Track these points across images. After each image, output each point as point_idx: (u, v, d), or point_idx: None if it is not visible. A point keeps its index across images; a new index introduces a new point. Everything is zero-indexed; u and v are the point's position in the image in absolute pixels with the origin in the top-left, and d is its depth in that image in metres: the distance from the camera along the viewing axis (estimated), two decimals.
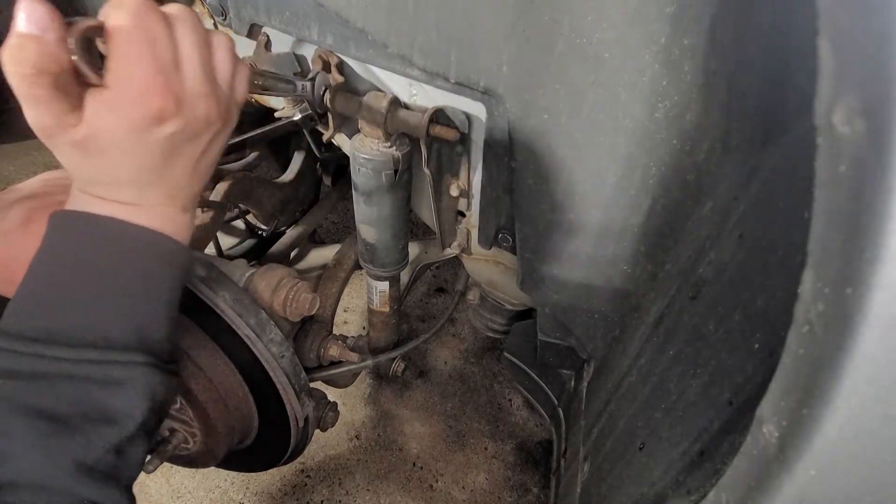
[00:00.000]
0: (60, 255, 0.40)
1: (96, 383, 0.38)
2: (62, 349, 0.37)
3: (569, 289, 0.68)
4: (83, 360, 0.37)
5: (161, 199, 0.42)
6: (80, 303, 0.39)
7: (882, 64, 0.20)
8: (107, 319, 0.39)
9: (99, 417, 0.38)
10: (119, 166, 0.39)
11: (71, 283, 0.39)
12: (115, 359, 0.38)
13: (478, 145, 0.64)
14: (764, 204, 0.40)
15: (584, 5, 0.45)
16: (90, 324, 0.39)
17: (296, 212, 1.09)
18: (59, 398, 0.37)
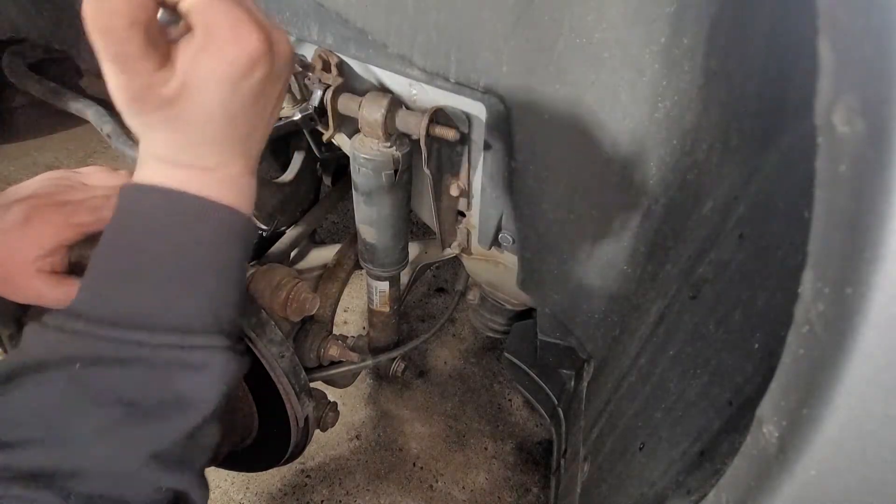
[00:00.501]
0: (134, 233, 0.38)
1: (175, 368, 0.36)
2: (142, 333, 0.36)
3: (569, 289, 0.68)
4: (163, 344, 0.36)
5: (238, 162, 0.40)
6: (157, 284, 0.37)
7: (882, 64, 0.20)
8: (185, 302, 0.38)
9: (175, 403, 0.36)
10: (208, 121, 0.37)
11: (147, 264, 0.37)
12: (196, 343, 0.37)
13: (478, 145, 0.64)
14: (764, 204, 0.40)
15: (584, 5, 0.45)
16: (169, 306, 0.37)
17: (296, 212, 1.09)
18: (135, 384, 0.35)
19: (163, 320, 0.37)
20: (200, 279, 0.38)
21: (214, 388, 0.38)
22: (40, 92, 0.95)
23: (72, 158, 1.87)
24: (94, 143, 1.90)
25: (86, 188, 0.54)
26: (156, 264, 0.37)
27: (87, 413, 0.34)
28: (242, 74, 0.36)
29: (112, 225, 0.38)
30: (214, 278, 0.39)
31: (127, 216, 0.38)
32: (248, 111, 0.38)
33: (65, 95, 0.94)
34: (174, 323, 0.37)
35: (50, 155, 1.88)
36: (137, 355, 0.35)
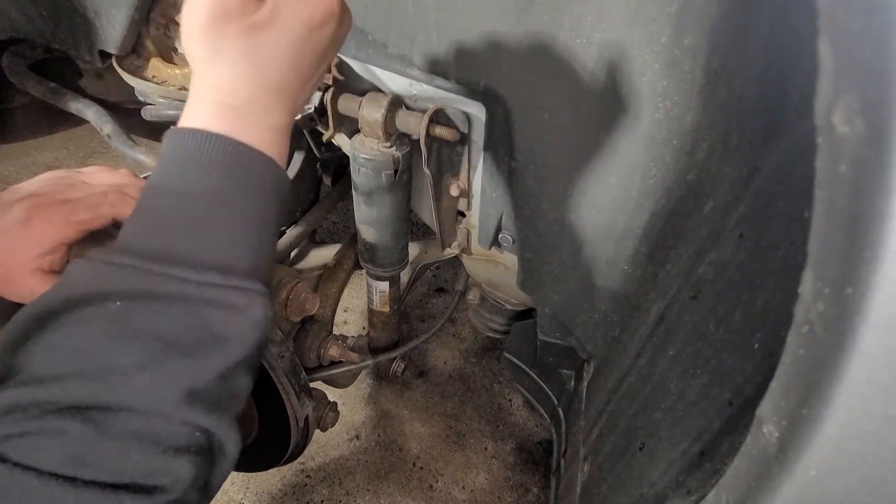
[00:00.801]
0: (180, 175, 0.38)
1: (216, 308, 0.36)
2: (187, 270, 0.36)
3: (569, 289, 0.68)
4: (207, 282, 0.36)
5: (284, 115, 0.41)
6: (202, 226, 0.37)
7: (882, 64, 0.20)
8: (230, 244, 0.38)
9: (212, 342, 0.36)
10: (277, 61, 0.38)
11: (193, 205, 0.37)
12: (238, 285, 0.37)
13: (478, 145, 0.64)
14: (764, 204, 0.40)
15: (584, 5, 0.45)
16: (214, 247, 0.37)
17: (296, 212, 1.09)
18: (176, 321, 0.35)
19: (208, 259, 0.37)
20: (244, 226, 0.38)
21: (251, 332, 0.37)
22: (40, 92, 0.95)
23: (72, 158, 1.87)
24: (94, 143, 1.90)
25: (86, 187, 0.54)
26: (201, 207, 0.37)
27: (126, 348, 0.34)
28: (320, 23, 0.38)
29: (159, 166, 0.38)
30: (255, 227, 0.39)
31: (173, 158, 0.38)
32: (308, 64, 0.40)
33: (65, 95, 0.94)
34: (219, 263, 0.37)
35: (50, 155, 1.88)
36: (181, 291, 0.35)
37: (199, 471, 0.36)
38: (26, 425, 0.31)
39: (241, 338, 0.37)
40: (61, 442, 0.31)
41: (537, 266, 0.68)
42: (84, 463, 0.31)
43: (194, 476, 0.35)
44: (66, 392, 0.32)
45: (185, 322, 0.35)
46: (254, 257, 0.39)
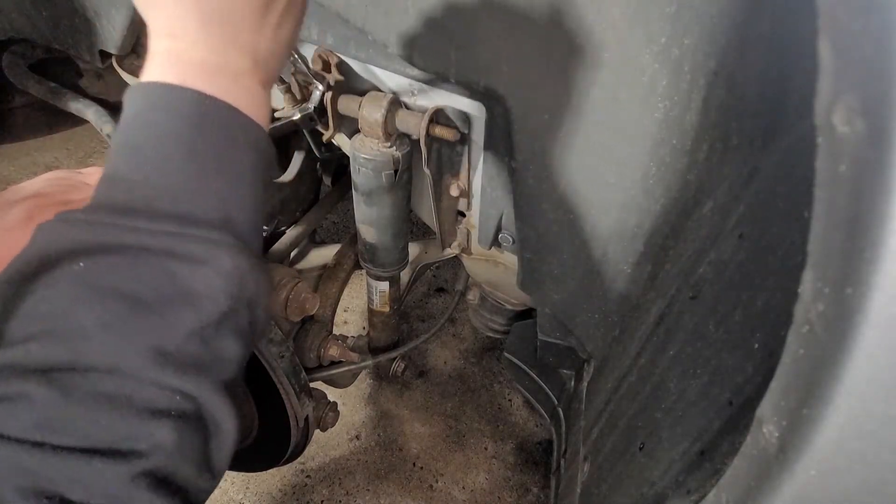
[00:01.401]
0: (136, 127, 0.37)
1: (175, 259, 0.34)
2: (141, 219, 0.34)
3: (569, 289, 0.68)
4: (161, 231, 0.34)
5: (248, 63, 0.39)
6: (157, 176, 0.35)
7: (882, 64, 0.20)
8: (187, 194, 0.36)
9: (178, 298, 0.34)
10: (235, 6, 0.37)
11: (148, 157, 0.36)
12: (197, 233, 0.35)
13: (478, 145, 0.64)
14: (764, 204, 0.40)
15: (584, 5, 0.45)
16: (170, 197, 0.35)
17: (296, 212, 1.09)
18: (134, 275, 0.33)
19: (165, 208, 0.35)
20: (203, 174, 0.36)
21: (221, 287, 0.35)
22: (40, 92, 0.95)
23: (72, 158, 1.87)
24: (94, 143, 1.91)
25: (87, 187, 0.54)
26: (157, 157, 0.36)
27: (88, 306, 0.32)
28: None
29: (120, 125, 0.37)
30: (219, 175, 0.37)
31: (129, 115, 0.37)
32: (276, 17, 0.38)
33: (65, 95, 0.94)
34: (174, 211, 0.35)
35: (50, 155, 1.88)
36: (136, 241, 0.33)
37: (186, 439, 0.33)
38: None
39: (212, 293, 0.34)
40: (28, 407, 0.30)
41: (537, 266, 0.68)
42: (52, 428, 0.30)
43: (178, 443, 0.33)
44: (27, 354, 0.31)
45: (147, 276, 0.33)
46: (220, 206, 0.37)
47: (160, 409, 0.33)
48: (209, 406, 0.35)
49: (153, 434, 0.32)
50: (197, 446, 0.35)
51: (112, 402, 0.31)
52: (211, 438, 0.36)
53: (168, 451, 0.33)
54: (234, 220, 0.37)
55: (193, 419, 0.34)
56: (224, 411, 0.36)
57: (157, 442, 0.32)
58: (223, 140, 0.37)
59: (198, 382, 0.34)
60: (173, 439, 0.33)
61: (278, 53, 0.41)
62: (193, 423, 0.34)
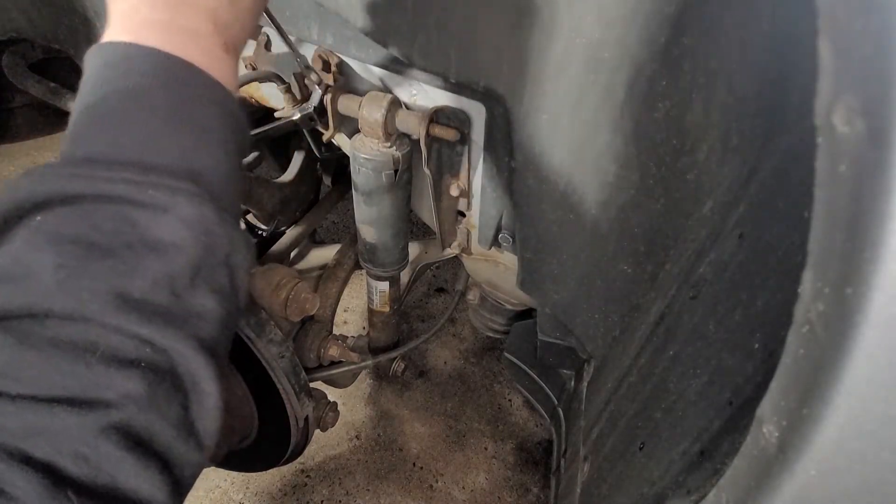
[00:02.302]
0: (93, 85, 0.36)
1: (135, 206, 0.33)
2: (97, 169, 0.33)
3: (569, 289, 0.68)
4: (120, 178, 0.33)
5: (207, 26, 0.38)
6: (116, 130, 0.35)
7: (882, 64, 0.20)
8: (147, 145, 0.35)
9: (139, 244, 0.32)
10: None
11: (106, 112, 0.35)
12: (157, 181, 0.33)
13: (478, 145, 0.64)
14: (764, 204, 0.40)
15: (585, 5, 0.45)
16: (129, 148, 0.34)
17: (296, 212, 1.09)
18: (91, 223, 0.32)
19: (121, 158, 0.34)
20: (168, 124, 0.36)
21: (186, 236, 0.33)
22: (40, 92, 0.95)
23: None
24: None
25: None
26: (115, 111, 0.35)
27: (42, 253, 0.31)
28: None
29: (80, 86, 0.37)
30: (183, 129, 0.36)
31: (89, 75, 0.37)
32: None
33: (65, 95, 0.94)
34: (134, 160, 0.34)
35: (50, 155, 1.87)
36: (93, 190, 0.32)
37: (159, 395, 0.32)
38: None
39: (177, 241, 0.33)
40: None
41: (537, 266, 0.68)
42: (9, 376, 0.29)
43: (149, 396, 0.31)
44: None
45: (105, 224, 0.32)
46: (183, 157, 0.36)
47: (126, 357, 0.31)
48: (184, 362, 0.33)
49: (119, 384, 0.30)
50: (174, 406, 0.33)
51: (72, 349, 0.30)
52: (191, 400, 0.34)
53: (138, 403, 0.31)
54: (201, 173, 0.36)
55: (167, 374, 0.33)
56: (203, 371, 0.34)
57: (125, 392, 0.30)
58: (184, 95, 0.37)
59: (168, 335, 0.32)
60: (143, 391, 0.31)
61: (241, 20, 0.41)
62: (167, 378, 0.32)
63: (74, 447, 0.29)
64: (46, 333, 0.30)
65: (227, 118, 0.39)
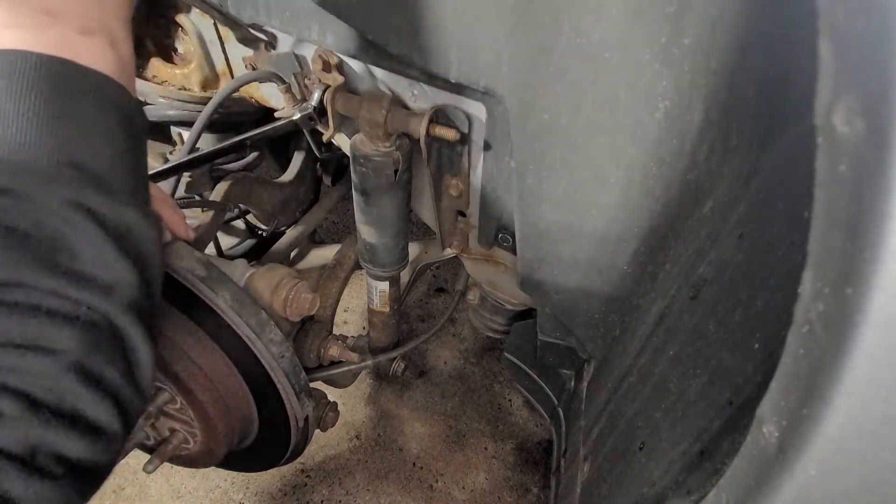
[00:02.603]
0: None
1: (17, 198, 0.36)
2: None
3: (569, 289, 0.68)
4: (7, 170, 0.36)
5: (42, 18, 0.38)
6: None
7: (882, 64, 0.20)
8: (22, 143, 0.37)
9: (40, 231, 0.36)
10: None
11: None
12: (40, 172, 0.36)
13: (478, 145, 0.64)
14: (764, 204, 0.40)
15: (584, 5, 0.45)
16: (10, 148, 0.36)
17: (296, 212, 1.09)
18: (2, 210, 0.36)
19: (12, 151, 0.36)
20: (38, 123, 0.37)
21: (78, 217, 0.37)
22: None
23: None
24: None
25: None
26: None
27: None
28: None
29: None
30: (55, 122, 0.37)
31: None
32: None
33: None
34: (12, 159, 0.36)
35: None
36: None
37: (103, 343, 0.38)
38: None
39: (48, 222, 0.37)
40: None
41: (537, 266, 0.68)
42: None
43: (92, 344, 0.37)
44: None
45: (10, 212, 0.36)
46: (71, 148, 0.38)
47: (68, 314, 0.37)
48: (117, 318, 0.39)
49: (68, 334, 0.37)
50: (117, 353, 0.40)
51: (19, 308, 0.36)
52: (128, 351, 0.41)
53: (87, 349, 0.37)
54: (85, 161, 0.39)
55: (106, 328, 0.39)
56: (133, 324, 0.40)
57: (76, 341, 0.37)
58: (46, 87, 0.37)
59: (97, 296, 0.38)
60: (88, 340, 0.37)
61: (117, 13, 0.41)
62: (106, 331, 0.39)
63: (42, 381, 0.36)
64: (2, 296, 0.35)
65: (111, 106, 0.41)
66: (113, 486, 1.06)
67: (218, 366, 0.64)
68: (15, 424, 0.34)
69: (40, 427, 0.35)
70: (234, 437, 0.71)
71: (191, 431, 0.67)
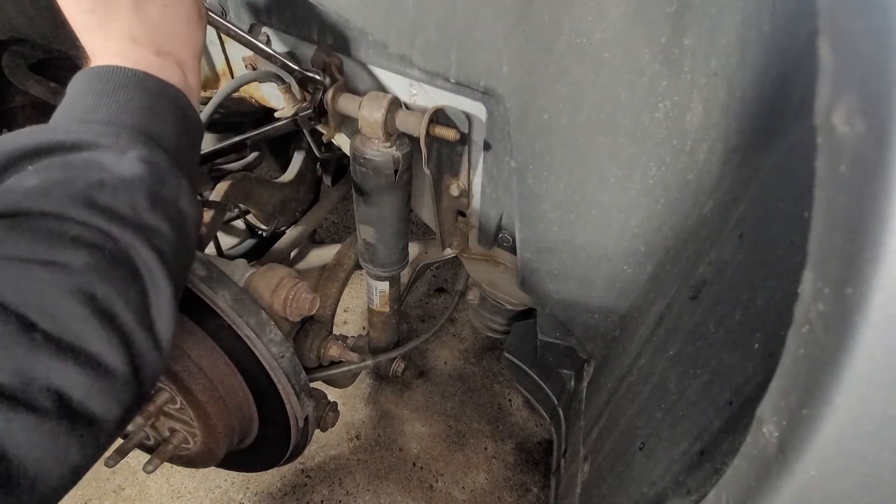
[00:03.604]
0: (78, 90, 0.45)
1: (103, 149, 0.41)
2: (73, 123, 0.42)
3: (569, 289, 0.68)
4: (90, 129, 0.41)
5: (125, 43, 0.46)
6: (92, 105, 0.43)
7: (882, 64, 0.20)
8: (114, 114, 0.43)
9: (107, 174, 0.40)
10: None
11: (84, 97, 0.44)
12: (120, 132, 0.42)
13: (478, 145, 0.64)
14: (764, 204, 0.40)
15: (584, 5, 0.45)
16: (100, 113, 0.43)
17: (296, 212, 1.09)
18: (68, 162, 0.39)
19: (93, 117, 0.43)
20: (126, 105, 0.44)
21: (142, 169, 0.41)
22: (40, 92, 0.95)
23: None
24: None
25: None
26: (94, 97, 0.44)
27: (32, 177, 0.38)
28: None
29: (62, 103, 0.45)
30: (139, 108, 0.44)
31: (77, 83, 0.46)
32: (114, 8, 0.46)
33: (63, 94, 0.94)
34: (101, 118, 0.43)
35: None
36: (70, 138, 0.40)
37: (115, 274, 0.38)
38: None
39: (137, 173, 0.41)
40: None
41: (537, 266, 0.68)
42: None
43: (106, 271, 0.37)
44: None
45: (78, 161, 0.40)
46: (140, 122, 0.44)
47: (89, 241, 0.37)
48: (140, 258, 0.40)
49: (83, 255, 0.36)
50: (133, 292, 0.39)
51: (46, 232, 0.36)
52: (148, 292, 0.40)
53: (98, 274, 0.37)
54: (155, 136, 0.45)
55: (124, 262, 0.39)
56: (158, 269, 0.40)
57: (87, 262, 0.36)
58: (132, 89, 0.45)
59: (127, 233, 0.39)
60: (103, 266, 0.37)
61: (160, 29, 0.48)
62: (124, 265, 0.39)
63: (42, 302, 0.34)
64: (28, 223, 0.36)
65: (181, 112, 0.48)
66: (113, 486, 1.06)
67: (218, 366, 0.64)
68: (4, 347, 0.31)
69: (32, 352, 0.32)
70: (234, 437, 0.71)
71: (191, 431, 0.67)
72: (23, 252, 0.34)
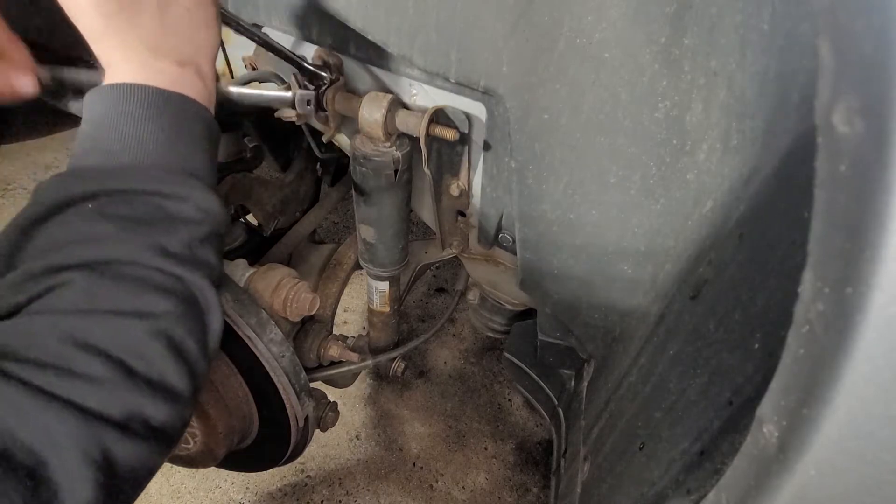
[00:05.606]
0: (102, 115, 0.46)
1: (164, 197, 0.44)
2: (129, 171, 0.44)
3: (569, 289, 0.68)
4: (150, 177, 0.44)
5: (146, 54, 0.47)
6: (139, 142, 0.45)
7: (882, 64, 0.20)
8: (161, 154, 0.46)
9: (170, 220, 0.45)
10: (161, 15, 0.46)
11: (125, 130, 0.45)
12: (175, 178, 0.45)
13: (478, 145, 0.64)
14: (764, 204, 0.40)
15: (584, 5, 0.45)
16: (150, 155, 0.45)
17: (296, 212, 1.09)
18: (135, 207, 0.43)
19: (146, 163, 0.45)
20: (168, 139, 0.46)
21: (199, 214, 0.46)
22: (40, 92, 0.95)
23: None
24: None
25: None
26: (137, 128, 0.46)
27: (104, 224, 0.42)
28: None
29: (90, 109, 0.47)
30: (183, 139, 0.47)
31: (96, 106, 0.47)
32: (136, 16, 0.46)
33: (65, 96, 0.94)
34: (156, 163, 0.45)
35: (50, 155, 1.88)
36: (133, 186, 0.44)
37: (188, 313, 0.44)
38: (41, 283, 0.39)
39: (195, 218, 0.46)
40: (72, 288, 0.39)
41: (537, 266, 0.68)
42: (92, 298, 0.40)
43: (181, 314, 0.43)
44: (66, 256, 0.41)
45: (142, 206, 0.44)
46: (186, 162, 0.47)
47: (166, 288, 0.43)
48: (202, 294, 0.45)
49: (164, 303, 0.42)
50: (197, 327, 0.45)
51: (133, 280, 0.42)
52: (206, 322, 0.46)
53: (176, 318, 0.43)
54: (197, 172, 0.48)
55: (192, 302, 0.45)
56: (213, 299, 0.46)
57: (167, 309, 0.42)
58: (174, 114, 0.47)
59: (194, 275, 0.45)
60: (178, 310, 0.43)
61: (182, 36, 0.49)
62: (192, 304, 0.45)
63: (132, 344, 0.40)
64: (115, 272, 0.41)
65: (205, 127, 0.50)
66: None
67: (218, 366, 0.64)
68: (113, 389, 0.38)
69: (134, 392, 0.39)
70: (234, 437, 0.71)
71: (191, 431, 0.67)
72: (117, 304, 0.41)
